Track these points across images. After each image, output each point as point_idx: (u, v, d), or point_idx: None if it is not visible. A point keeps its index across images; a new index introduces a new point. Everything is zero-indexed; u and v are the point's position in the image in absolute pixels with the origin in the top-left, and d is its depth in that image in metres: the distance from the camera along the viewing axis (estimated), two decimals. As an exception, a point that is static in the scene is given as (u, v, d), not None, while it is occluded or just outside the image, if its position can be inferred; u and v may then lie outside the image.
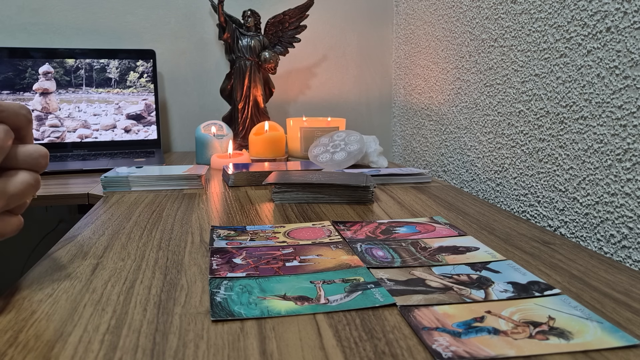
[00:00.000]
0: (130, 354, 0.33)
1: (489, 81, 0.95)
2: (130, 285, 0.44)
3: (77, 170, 1.02)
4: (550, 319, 0.38)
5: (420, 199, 0.79)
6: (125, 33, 1.33)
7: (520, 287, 0.44)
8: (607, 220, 0.67)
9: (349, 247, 0.55)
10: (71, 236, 0.58)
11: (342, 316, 0.39)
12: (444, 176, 1.16)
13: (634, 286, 0.45)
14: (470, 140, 1.03)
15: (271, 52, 1.21)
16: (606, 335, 0.36)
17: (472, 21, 1.00)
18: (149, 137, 1.26)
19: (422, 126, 1.28)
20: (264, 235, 0.59)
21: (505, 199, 0.91)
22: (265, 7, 1.36)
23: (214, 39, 1.37)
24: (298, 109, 1.46)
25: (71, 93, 1.20)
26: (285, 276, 0.46)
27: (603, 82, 0.67)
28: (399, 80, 1.44)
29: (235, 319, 0.38)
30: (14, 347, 0.34)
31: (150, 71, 1.26)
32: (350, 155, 0.98)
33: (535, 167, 0.82)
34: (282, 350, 0.34)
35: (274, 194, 0.75)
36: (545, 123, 0.79)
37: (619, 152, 0.65)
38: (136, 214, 0.68)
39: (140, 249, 0.54)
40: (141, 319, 0.38)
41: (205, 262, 0.50)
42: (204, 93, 1.40)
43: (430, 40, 1.21)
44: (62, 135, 1.19)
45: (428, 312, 0.39)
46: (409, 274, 0.47)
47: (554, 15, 0.76)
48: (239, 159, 1.02)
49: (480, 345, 0.34)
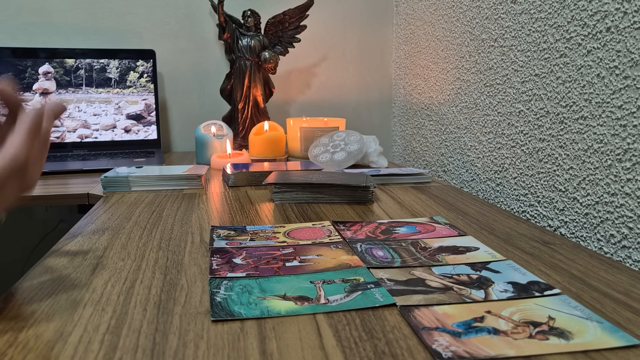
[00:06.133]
0: (130, 354, 0.33)
1: (489, 81, 0.95)
2: (130, 285, 0.44)
3: (77, 170, 1.02)
4: (550, 319, 0.38)
5: (420, 199, 0.79)
6: (125, 33, 1.33)
7: (520, 287, 0.44)
8: (607, 220, 0.67)
9: (349, 247, 0.55)
10: (71, 236, 0.58)
11: (342, 316, 0.39)
12: (444, 176, 1.16)
13: (634, 286, 0.45)
14: (470, 140, 1.03)
15: (271, 52, 1.21)
16: (606, 335, 0.36)
17: (472, 21, 1.00)
18: (149, 137, 1.26)
19: (422, 126, 1.28)
20: (264, 235, 0.59)
21: (505, 199, 0.91)
22: (265, 7, 1.36)
23: (214, 39, 1.37)
24: (298, 109, 1.46)
25: (71, 93, 1.20)
26: (285, 276, 0.46)
27: (603, 82, 0.67)
28: (399, 80, 1.44)
29: (235, 319, 0.38)
30: (14, 347, 0.34)
31: (150, 71, 1.26)
32: (350, 155, 0.98)
33: (535, 167, 0.82)
34: (282, 350, 0.34)
35: (274, 194, 0.75)
36: (545, 123, 0.79)
37: (619, 152, 0.65)
38: (136, 214, 0.68)
39: (140, 249, 0.54)
40: (141, 319, 0.38)
41: (205, 262, 0.50)
42: (204, 93, 1.40)
43: (430, 40, 1.21)
44: (62, 135, 1.19)
45: (428, 312, 0.39)
46: (409, 274, 0.47)
47: (554, 15, 0.76)
48: (239, 159, 1.02)
49: (480, 345, 0.34)
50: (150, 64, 1.26)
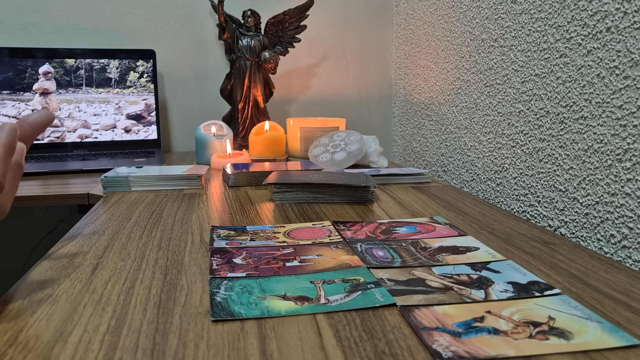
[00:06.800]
0: (130, 354, 0.33)
1: (489, 81, 0.95)
2: (130, 285, 0.44)
3: (77, 170, 1.02)
4: (550, 319, 0.38)
5: (420, 199, 0.79)
6: (125, 33, 1.33)
7: (520, 287, 0.44)
8: (607, 220, 0.67)
9: (349, 247, 0.55)
10: (71, 236, 0.58)
11: (342, 316, 0.39)
12: (444, 176, 1.16)
13: (634, 286, 0.45)
14: (470, 140, 1.03)
15: (271, 52, 1.21)
16: (606, 335, 0.36)
17: (472, 21, 1.00)
18: (149, 137, 1.26)
19: (422, 126, 1.28)
20: (264, 235, 0.59)
21: (506, 199, 0.91)
22: (265, 7, 1.36)
23: (214, 39, 1.37)
24: (298, 109, 1.46)
25: (71, 93, 1.20)
26: (285, 276, 0.46)
27: (603, 82, 0.67)
28: (399, 80, 1.44)
29: (235, 319, 0.38)
30: (14, 347, 0.34)
31: (150, 71, 1.26)
32: (350, 155, 0.98)
33: (536, 167, 0.82)
34: (282, 350, 0.34)
35: (274, 194, 0.75)
36: (545, 123, 0.79)
37: (619, 152, 0.65)
38: (136, 214, 0.68)
39: (140, 249, 0.54)
40: (141, 319, 0.38)
41: (205, 262, 0.50)
42: (204, 93, 1.40)
43: (430, 40, 1.21)
44: (62, 135, 1.19)
45: (428, 312, 0.39)
46: (409, 274, 0.47)
47: (554, 15, 0.76)
48: (239, 159, 1.02)
49: (480, 345, 0.34)
50: (150, 64, 1.26)
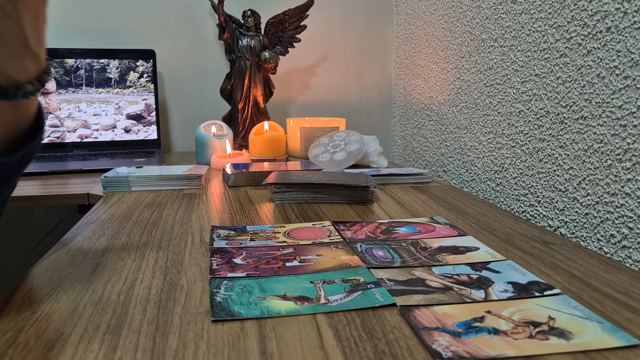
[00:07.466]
0: (130, 354, 0.33)
1: (489, 81, 0.95)
2: (130, 285, 0.44)
3: (77, 170, 1.02)
4: (550, 319, 0.38)
5: (420, 199, 0.79)
6: (125, 33, 1.33)
7: (520, 287, 0.44)
8: (607, 220, 0.67)
9: (349, 247, 0.55)
10: (71, 236, 0.58)
11: (342, 316, 0.39)
12: (444, 176, 1.16)
13: (634, 286, 0.45)
14: (470, 140, 1.03)
15: (271, 52, 1.21)
16: (606, 335, 0.36)
17: (472, 21, 1.00)
18: (149, 137, 1.26)
19: (422, 126, 1.28)
20: (264, 235, 0.59)
21: (505, 199, 0.91)
22: (265, 7, 1.36)
23: (214, 39, 1.37)
24: (298, 109, 1.46)
25: (71, 93, 1.20)
26: (285, 276, 0.46)
27: (603, 82, 0.67)
28: (399, 80, 1.44)
29: (235, 319, 0.38)
30: (14, 347, 0.34)
31: (150, 71, 1.26)
32: (350, 155, 0.98)
33: (535, 167, 0.82)
34: (282, 350, 0.34)
35: (274, 194, 0.75)
36: (545, 123, 0.79)
37: (619, 152, 0.65)
38: (136, 214, 0.68)
39: (140, 249, 0.54)
40: (141, 319, 0.38)
41: (205, 262, 0.50)
42: (204, 93, 1.40)
43: (430, 40, 1.21)
44: (62, 135, 1.19)
45: (428, 312, 0.39)
46: (409, 274, 0.47)
47: (554, 15, 0.76)
48: (239, 159, 1.02)
49: (480, 345, 0.34)
50: (150, 64, 1.26)
